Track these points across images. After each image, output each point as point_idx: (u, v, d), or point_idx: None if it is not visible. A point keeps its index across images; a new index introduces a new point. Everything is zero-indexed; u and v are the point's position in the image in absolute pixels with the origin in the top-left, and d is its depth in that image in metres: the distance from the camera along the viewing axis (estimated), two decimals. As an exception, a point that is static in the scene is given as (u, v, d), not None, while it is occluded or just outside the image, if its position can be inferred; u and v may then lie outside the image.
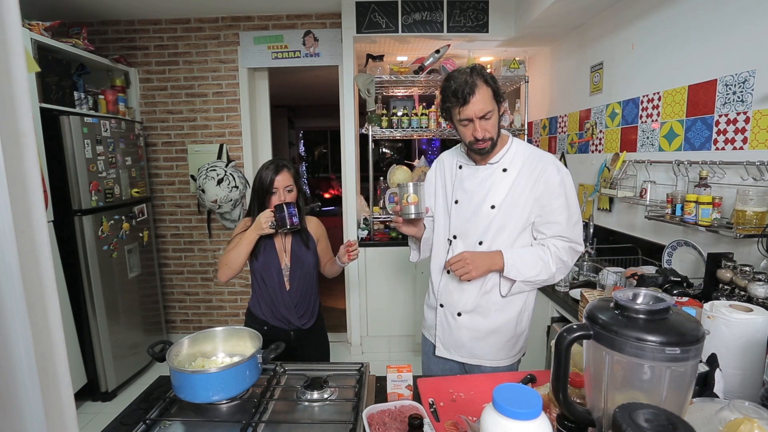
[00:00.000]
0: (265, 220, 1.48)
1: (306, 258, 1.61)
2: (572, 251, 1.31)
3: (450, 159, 1.45)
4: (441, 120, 3.17)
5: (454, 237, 1.37)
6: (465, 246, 1.35)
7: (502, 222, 1.31)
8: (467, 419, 0.95)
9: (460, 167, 1.39)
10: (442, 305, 1.43)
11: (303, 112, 7.54)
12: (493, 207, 1.31)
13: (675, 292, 1.46)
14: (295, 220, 1.49)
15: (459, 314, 1.38)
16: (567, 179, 1.30)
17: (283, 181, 1.54)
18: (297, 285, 1.60)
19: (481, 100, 1.22)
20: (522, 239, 1.33)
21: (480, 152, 1.30)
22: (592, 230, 2.41)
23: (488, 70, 1.29)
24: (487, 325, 1.36)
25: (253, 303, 1.66)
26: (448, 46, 3.03)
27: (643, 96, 2.15)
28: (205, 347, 1.24)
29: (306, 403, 1.10)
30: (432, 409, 1.04)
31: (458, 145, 1.45)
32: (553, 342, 1.02)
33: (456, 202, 1.37)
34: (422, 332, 1.55)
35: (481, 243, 1.32)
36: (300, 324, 1.61)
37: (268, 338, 1.41)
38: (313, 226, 1.70)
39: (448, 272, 1.38)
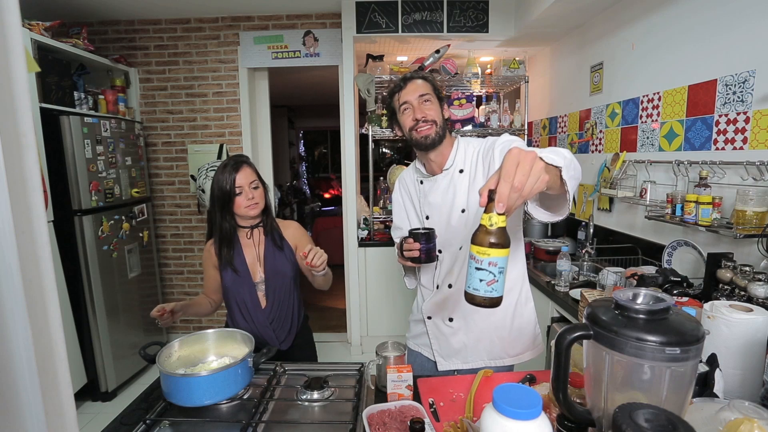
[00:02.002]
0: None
1: (283, 267, 1.45)
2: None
3: (410, 176, 1.45)
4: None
5: (440, 251, 1.34)
6: (449, 255, 1.33)
7: (474, 223, 1.27)
8: (468, 422, 0.95)
9: (421, 182, 1.38)
10: (430, 317, 1.42)
11: (303, 112, 7.54)
12: (463, 211, 1.28)
13: (675, 292, 1.46)
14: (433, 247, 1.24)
15: (450, 319, 1.37)
16: (505, 138, 1.21)
17: (245, 177, 1.39)
18: (273, 301, 1.45)
19: (418, 84, 1.28)
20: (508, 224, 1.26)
21: (424, 142, 1.26)
22: (592, 230, 2.41)
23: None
24: (479, 324, 1.35)
25: (228, 320, 1.51)
26: (448, 46, 3.03)
27: (643, 96, 2.15)
28: (197, 349, 1.22)
29: (306, 403, 1.10)
30: (432, 409, 1.04)
31: (415, 160, 1.46)
32: (553, 342, 1.02)
33: (427, 218, 1.37)
34: (411, 347, 1.51)
35: (461, 248, 1.30)
36: (278, 344, 1.46)
37: None
38: (290, 231, 1.53)
39: (450, 286, 1.34)
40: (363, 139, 3.39)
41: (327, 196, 8.00)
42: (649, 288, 1.12)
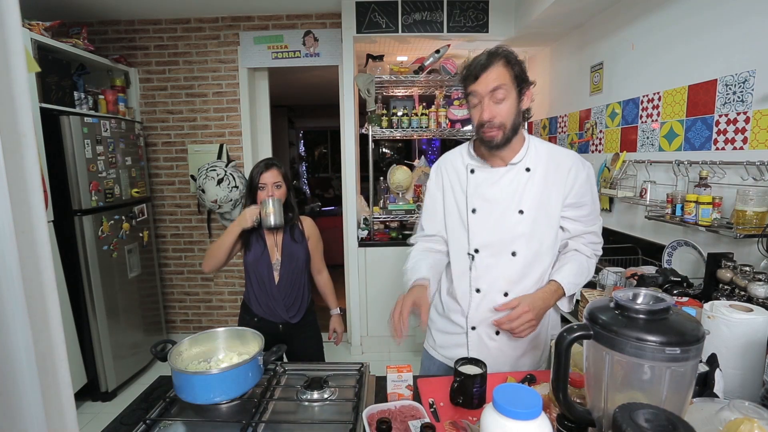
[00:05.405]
0: (251, 215, 1.58)
1: (296, 253, 1.69)
2: (598, 246, 1.32)
3: (455, 162, 1.27)
4: (441, 120, 3.17)
5: (476, 251, 1.21)
6: (493, 258, 1.19)
7: (531, 228, 1.17)
8: (468, 422, 0.95)
9: (472, 171, 1.23)
10: (474, 327, 1.24)
11: (303, 112, 7.54)
12: (521, 212, 1.17)
13: (675, 292, 1.47)
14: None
15: (497, 333, 1.22)
16: (591, 173, 1.24)
17: (271, 177, 1.62)
18: (285, 278, 1.67)
19: (493, 73, 1.09)
20: (554, 242, 1.22)
21: (488, 144, 1.14)
22: (592, 230, 2.40)
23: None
24: (527, 338, 1.21)
25: (246, 296, 1.75)
26: (448, 46, 3.03)
27: (643, 96, 2.15)
28: (207, 348, 1.24)
29: (306, 403, 1.10)
30: (432, 409, 1.04)
31: (462, 145, 1.31)
32: (553, 342, 1.02)
33: (474, 211, 1.21)
34: (437, 358, 1.34)
35: (514, 254, 1.18)
36: (288, 317, 1.68)
37: (257, 329, 1.33)
38: (307, 224, 1.80)
39: (506, 295, 1.20)
40: (363, 139, 3.39)
41: (327, 196, 7.99)
42: (649, 288, 1.12)
